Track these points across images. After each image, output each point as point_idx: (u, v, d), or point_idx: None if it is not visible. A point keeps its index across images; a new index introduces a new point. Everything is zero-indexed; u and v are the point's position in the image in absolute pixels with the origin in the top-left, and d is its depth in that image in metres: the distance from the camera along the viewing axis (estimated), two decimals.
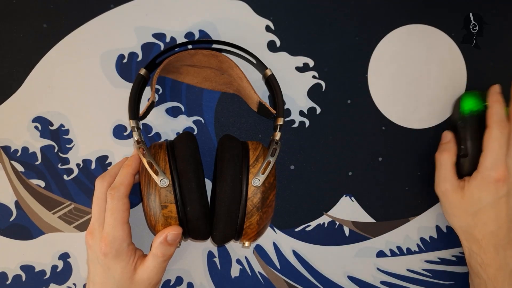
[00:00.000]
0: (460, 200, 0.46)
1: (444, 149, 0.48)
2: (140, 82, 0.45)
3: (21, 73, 0.49)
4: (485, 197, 0.45)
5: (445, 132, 0.49)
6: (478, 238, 0.46)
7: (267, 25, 0.50)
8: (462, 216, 0.46)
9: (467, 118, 0.47)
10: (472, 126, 0.47)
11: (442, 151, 0.48)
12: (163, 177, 0.40)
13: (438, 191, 0.48)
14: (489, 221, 0.45)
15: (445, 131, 0.49)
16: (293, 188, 0.51)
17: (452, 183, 0.47)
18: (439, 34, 0.51)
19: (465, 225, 0.46)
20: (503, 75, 0.51)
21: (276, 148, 0.43)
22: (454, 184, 0.47)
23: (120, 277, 0.42)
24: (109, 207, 0.42)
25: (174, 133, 0.50)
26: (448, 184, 0.47)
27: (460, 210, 0.46)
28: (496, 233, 0.45)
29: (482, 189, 0.45)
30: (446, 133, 0.49)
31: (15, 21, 0.49)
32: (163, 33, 0.50)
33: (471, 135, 0.47)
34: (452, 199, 0.47)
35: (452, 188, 0.47)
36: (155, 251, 0.42)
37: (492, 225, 0.45)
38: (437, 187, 0.48)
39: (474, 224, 0.46)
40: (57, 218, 0.49)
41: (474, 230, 0.46)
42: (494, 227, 0.45)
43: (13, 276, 0.49)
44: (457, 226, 0.48)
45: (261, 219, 0.42)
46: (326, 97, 0.51)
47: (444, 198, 0.48)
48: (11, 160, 0.49)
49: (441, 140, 0.49)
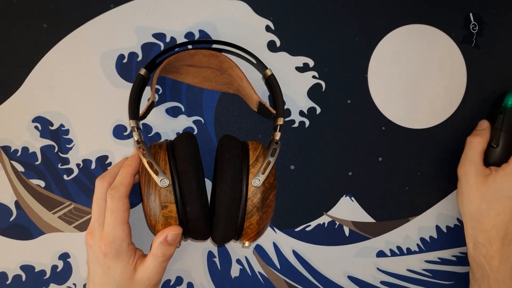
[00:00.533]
0: (479, 185, 0.46)
1: (477, 134, 0.48)
2: (140, 82, 0.45)
3: (21, 73, 0.49)
4: (509, 189, 0.45)
5: (482, 120, 0.50)
6: (486, 228, 0.46)
7: (267, 25, 0.50)
8: (476, 201, 0.47)
9: (508, 111, 0.48)
10: (510, 120, 0.48)
11: (475, 135, 0.48)
12: (163, 177, 0.40)
13: (460, 171, 0.48)
14: (503, 213, 0.45)
15: (483, 120, 0.50)
16: (293, 188, 0.51)
17: (477, 166, 0.47)
18: (439, 34, 0.51)
19: (476, 212, 0.47)
20: (503, 75, 0.51)
21: (276, 148, 0.43)
22: (479, 168, 0.47)
23: (120, 277, 0.42)
24: (109, 207, 0.42)
25: (174, 133, 0.50)
26: (473, 167, 0.47)
27: (476, 195, 0.47)
28: (506, 226, 0.45)
29: (508, 180, 0.45)
30: (483, 121, 0.50)
31: (15, 21, 0.49)
32: (163, 33, 0.50)
33: (507, 128, 0.48)
34: (473, 182, 0.47)
35: (476, 171, 0.47)
36: (155, 251, 0.42)
37: (505, 217, 0.45)
38: (460, 167, 0.48)
39: (486, 213, 0.46)
40: (57, 218, 0.49)
41: (485, 219, 0.46)
42: (506, 219, 0.45)
43: (13, 276, 0.49)
44: (467, 212, 0.48)
45: (261, 219, 0.42)
46: (326, 97, 0.51)
47: (465, 179, 0.48)
48: (11, 160, 0.49)
49: (476, 126, 0.50)
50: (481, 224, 0.46)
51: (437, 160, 0.51)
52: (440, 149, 0.51)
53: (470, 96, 0.51)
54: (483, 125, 0.49)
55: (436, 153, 0.51)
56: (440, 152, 0.51)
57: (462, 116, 0.51)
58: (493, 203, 0.46)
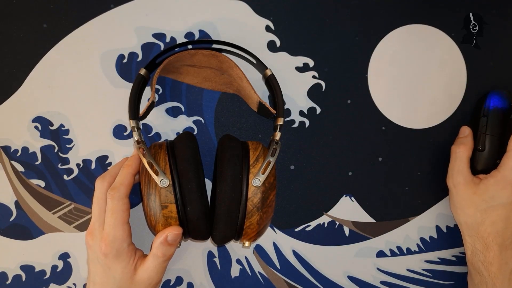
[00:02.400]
0: (471, 195, 0.46)
1: (461, 143, 0.48)
2: (140, 82, 0.45)
3: (21, 73, 0.49)
4: (500, 196, 0.45)
5: (463, 127, 0.49)
6: (483, 236, 0.46)
7: (267, 25, 0.50)
8: (470, 211, 0.46)
9: (490, 113, 0.48)
10: (494, 122, 0.47)
11: (459, 144, 0.48)
12: (163, 177, 0.40)
13: (450, 183, 0.48)
14: (498, 220, 0.45)
15: (464, 126, 0.49)
16: (293, 188, 0.51)
17: (465, 176, 0.47)
18: (439, 34, 0.51)
19: (471, 221, 0.46)
20: (503, 75, 0.51)
21: (276, 148, 0.43)
22: (468, 178, 0.47)
23: (120, 277, 0.42)
24: (110, 207, 0.42)
25: (174, 133, 0.50)
26: (461, 177, 0.47)
27: (469, 205, 0.46)
28: (502, 233, 0.45)
29: (499, 188, 0.45)
30: (464, 127, 0.49)
31: (15, 21, 0.49)
32: (163, 33, 0.50)
33: (492, 131, 0.47)
34: (463, 192, 0.47)
35: (465, 181, 0.47)
36: (156, 251, 0.42)
37: (500, 224, 0.45)
38: (449, 179, 0.48)
39: (481, 221, 0.46)
40: (57, 218, 0.49)
41: (481, 227, 0.46)
42: (501, 226, 0.45)
43: (13, 276, 0.49)
44: (462, 222, 0.48)
45: (261, 219, 0.42)
46: (326, 97, 0.51)
47: (455, 191, 0.47)
48: (11, 160, 0.49)
49: (458, 134, 0.50)
50: (477, 232, 0.46)
51: (437, 160, 0.51)
52: (440, 149, 0.51)
53: (470, 96, 0.51)
54: (465, 131, 0.49)
55: (436, 153, 0.51)
56: (440, 152, 0.51)
57: (462, 116, 0.51)
58: (487, 211, 0.45)
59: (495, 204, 0.45)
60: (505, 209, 0.45)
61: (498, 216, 0.45)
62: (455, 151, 0.48)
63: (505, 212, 0.45)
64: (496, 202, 0.45)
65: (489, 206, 0.45)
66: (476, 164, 0.48)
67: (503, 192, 0.45)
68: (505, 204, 0.45)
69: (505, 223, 0.45)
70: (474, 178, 0.47)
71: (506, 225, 0.45)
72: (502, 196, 0.45)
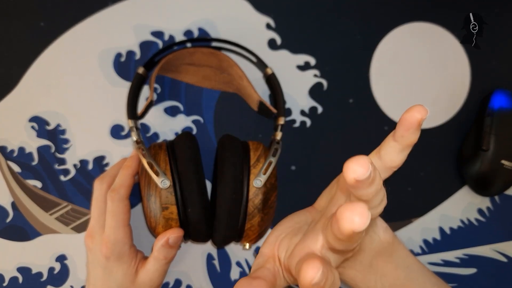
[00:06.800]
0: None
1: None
2: (139, 81, 0.45)
3: (18, 72, 0.49)
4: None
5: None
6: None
7: (268, 22, 0.50)
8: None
9: (495, 113, 0.48)
10: (499, 122, 0.47)
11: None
12: (163, 178, 0.40)
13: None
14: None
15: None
16: (294, 189, 0.50)
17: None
18: (442, 33, 0.51)
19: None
20: (503, 75, 0.51)
21: (277, 148, 0.42)
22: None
23: (122, 280, 0.42)
24: (110, 209, 0.42)
25: (173, 133, 0.49)
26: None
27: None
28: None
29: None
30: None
31: (11, 19, 0.49)
32: (161, 31, 0.49)
33: (497, 130, 0.47)
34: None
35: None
36: (157, 254, 0.41)
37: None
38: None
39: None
40: (54, 219, 0.49)
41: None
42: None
43: (10, 278, 0.49)
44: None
45: (263, 220, 0.41)
46: (327, 96, 0.50)
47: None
48: (8, 160, 0.49)
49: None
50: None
51: (440, 161, 0.51)
52: (443, 149, 0.51)
53: (473, 96, 0.51)
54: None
55: (439, 154, 0.51)
56: (443, 152, 0.51)
57: (466, 116, 0.51)
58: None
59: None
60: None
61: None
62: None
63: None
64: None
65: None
66: (480, 164, 0.48)
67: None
68: None
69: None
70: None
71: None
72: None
